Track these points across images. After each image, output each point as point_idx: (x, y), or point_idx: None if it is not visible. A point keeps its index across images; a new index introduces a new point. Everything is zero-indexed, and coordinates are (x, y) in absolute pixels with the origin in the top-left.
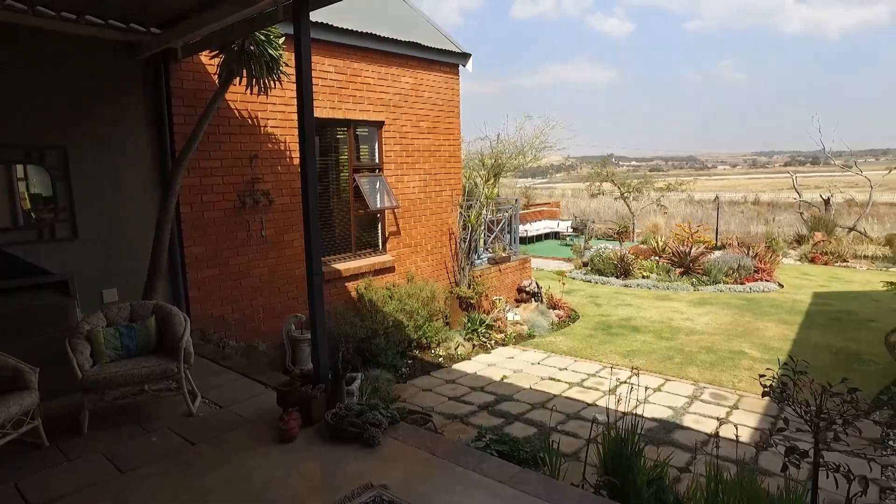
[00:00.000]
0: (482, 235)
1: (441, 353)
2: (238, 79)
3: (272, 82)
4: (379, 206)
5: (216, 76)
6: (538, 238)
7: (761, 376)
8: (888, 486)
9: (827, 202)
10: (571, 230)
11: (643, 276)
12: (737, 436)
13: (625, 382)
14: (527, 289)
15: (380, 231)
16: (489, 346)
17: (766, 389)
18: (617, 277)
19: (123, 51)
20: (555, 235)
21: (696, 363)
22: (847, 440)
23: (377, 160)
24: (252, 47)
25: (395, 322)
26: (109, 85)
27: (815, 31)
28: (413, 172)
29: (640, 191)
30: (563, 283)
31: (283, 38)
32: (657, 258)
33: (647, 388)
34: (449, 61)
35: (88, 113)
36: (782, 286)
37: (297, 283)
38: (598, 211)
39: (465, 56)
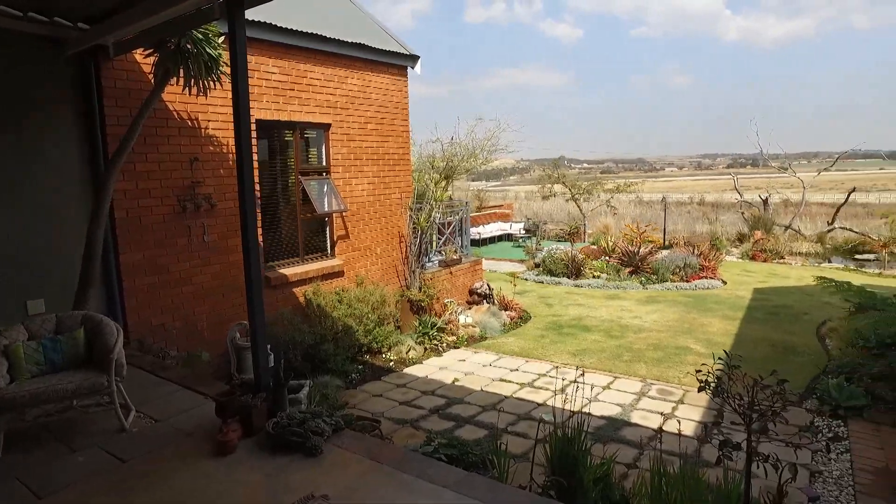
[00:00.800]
0: (434, 238)
1: (392, 358)
2: (175, 79)
3: (212, 83)
4: (326, 209)
5: (152, 75)
6: (491, 240)
7: (697, 371)
8: (817, 470)
9: (765, 202)
10: (524, 232)
11: (594, 276)
12: (679, 431)
13: (575, 381)
14: (478, 291)
15: (328, 235)
16: (441, 348)
17: (701, 384)
18: (568, 278)
19: (49, 47)
20: (507, 237)
21: (644, 360)
22: (778, 429)
23: (324, 163)
24: (189, 46)
25: (344, 327)
26: (35, 83)
27: (750, 39)
28: (361, 175)
29: (590, 192)
30: (515, 285)
31: (222, 38)
32: (607, 258)
33: (593, 387)
34: (397, 63)
35: (10, 112)
36: (726, 283)
37: (242, 290)
38: (550, 213)
39: (413, 58)
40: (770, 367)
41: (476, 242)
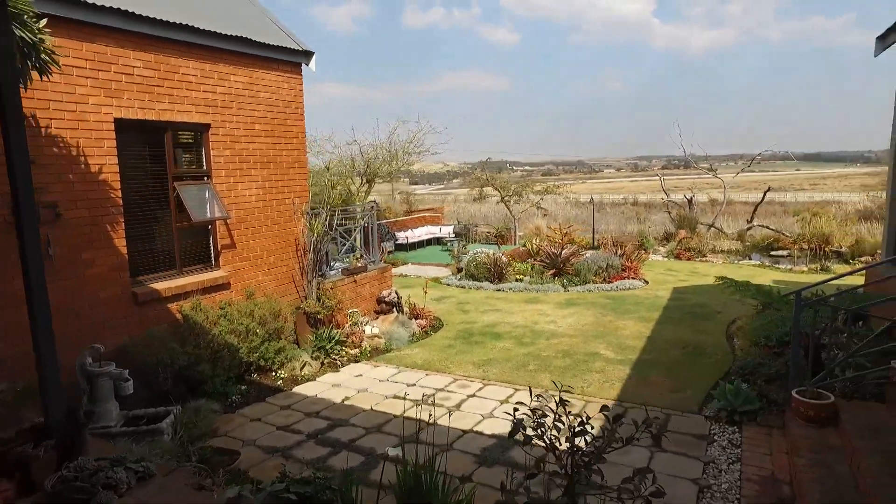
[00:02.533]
0: (344, 244)
1: (284, 375)
2: None
3: (34, 73)
4: (209, 216)
5: None
6: (420, 244)
7: (515, 410)
8: (706, 485)
9: (690, 202)
10: (453, 235)
11: (517, 280)
12: (547, 453)
13: (473, 396)
14: (386, 299)
15: (212, 244)
16: (340, 363)
17: (512, 429)
18: (490, 282)
19: None
20: (437, 241)
21: (550, 369)
22: (674, 439)
23: (205, 166)
24: None
25: (225, 345)
26: None
27: (678, 47)
28: (249, 180)
29: (519, 194)
30: (426, 292)
31: (44, 20)
32: (533, 260)
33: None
34: (289, 59)
35: None
36: (647, 282)
37: (101, 307)
38: (486, 215)
39: (307, 54)
40: (678, 371)
41: (404, 246)
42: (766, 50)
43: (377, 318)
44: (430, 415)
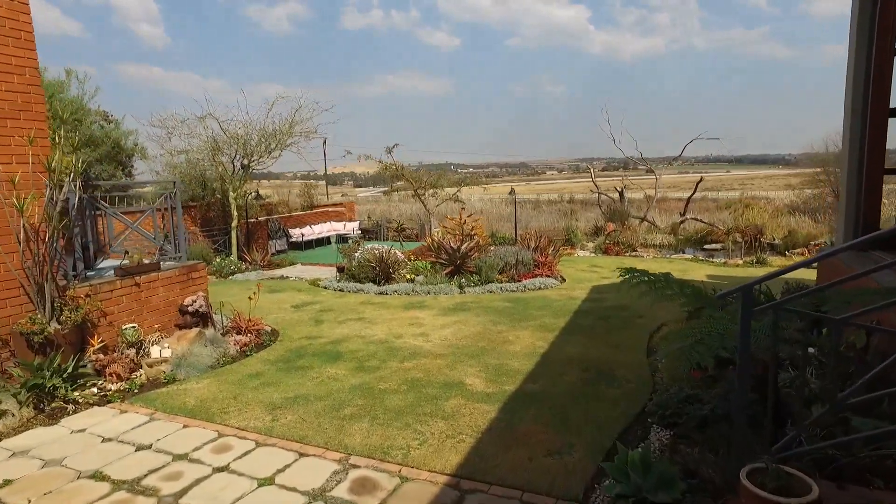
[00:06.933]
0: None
1: None
2: None
3: None
4: None
5: None
6: (320, 242)
7: None
8: None
9: (621, 194)
10: (359, 232)
11: (408, 280)
12: None
13: (224, 469)
14: (190, 309)
15: None
16: (74, 407)
17: None
18: (376, 283)
19: None
20: (343, 239)
21: (376, 413)
22: None
23: None
24: None
25: None
26: None
27: (612, 53)
28: None
29: (435, 188)
30: (252, 298)
31: None
32: (434, 257)
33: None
34: None
35: None
36: (564, 280)
37: None
38: (417, 213)
39: None
40: (569, 412)
41: (299, 245)
42: (694, 56)
43: (172, 334)
44: None
